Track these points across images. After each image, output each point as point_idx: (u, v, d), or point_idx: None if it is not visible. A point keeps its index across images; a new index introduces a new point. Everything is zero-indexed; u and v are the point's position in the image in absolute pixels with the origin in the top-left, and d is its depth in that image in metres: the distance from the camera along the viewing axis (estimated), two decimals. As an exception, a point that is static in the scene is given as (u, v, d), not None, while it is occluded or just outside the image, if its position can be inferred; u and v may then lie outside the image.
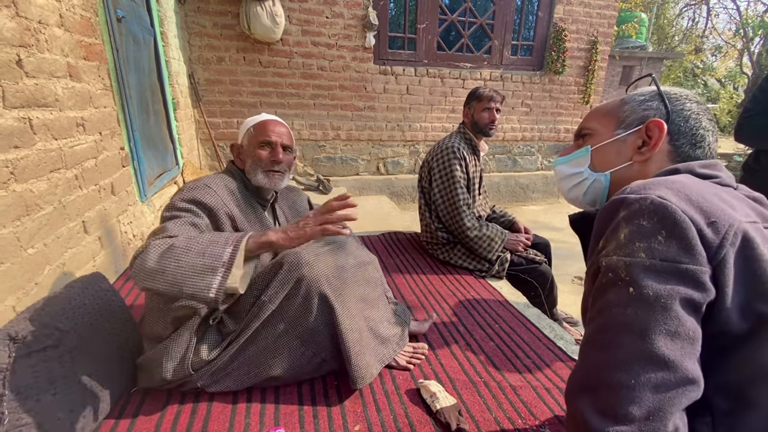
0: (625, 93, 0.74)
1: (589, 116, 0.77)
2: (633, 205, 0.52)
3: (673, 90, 0.69)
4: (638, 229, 0.50)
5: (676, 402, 0.45)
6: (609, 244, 0.53)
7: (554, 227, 3.97)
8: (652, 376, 0.45)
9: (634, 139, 0.68)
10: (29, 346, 0.84)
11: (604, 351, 0.49)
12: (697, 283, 0.47)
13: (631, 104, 0.70)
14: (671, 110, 0.66)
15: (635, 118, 0.68)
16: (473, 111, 1.89)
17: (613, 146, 0.71)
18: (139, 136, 2.02)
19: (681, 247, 0.47)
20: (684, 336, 0.46)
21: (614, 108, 0.72)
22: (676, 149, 0.66)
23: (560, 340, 1.40)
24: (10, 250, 1.01)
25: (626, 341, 0.48)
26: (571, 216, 0.78)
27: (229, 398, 1.07)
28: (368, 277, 1.22)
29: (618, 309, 0.49)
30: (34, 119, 1.15)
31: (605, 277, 0.52)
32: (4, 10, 1.07)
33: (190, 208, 1.00)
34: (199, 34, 3.30)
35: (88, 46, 1.55)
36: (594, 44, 4.37)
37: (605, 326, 0.50)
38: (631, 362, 0.47)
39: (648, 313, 0.47)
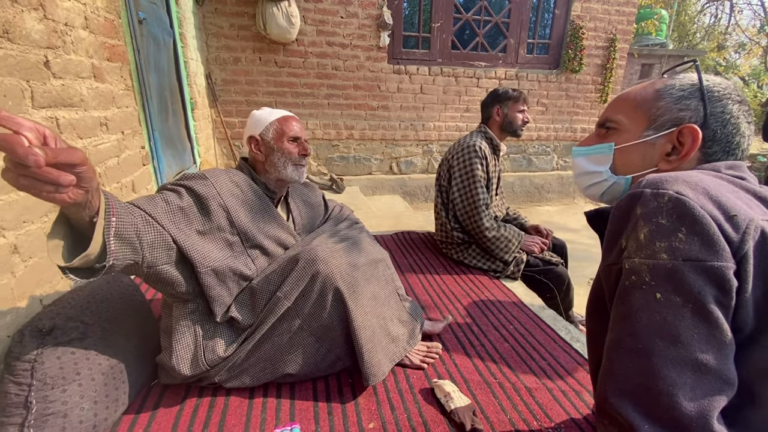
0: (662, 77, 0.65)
1: (616, 105, 0.68)
2: (650, 203, 0.50)
3: (715, 84, 0.61)
4: (657, 228, 0.48)
5: (715, 404, 0.45)
6: (629, 243, 0.52)
7: (570, 228, 3.92)
8: (690, 381, 0.45)
9: (664, 143, 0.62)
10: (56, 338, 0.87)
11: (639, 357, 0.48)
12: (724, 280, 0.45)
13: (666, 101, 0.62)
14: (710, 113, 0.59)
15: (669, 118, 0.61)
16: (508, 111, 1.88)
17: (639, 148, 0.64)
18: (158, 135, 2.07)
19: (704, 244, 0.46)
20: (716, 337, 0.45)
21: (647, 101, 0.63)
22: (707, 157, 0.60)
23: (576, 343, 1.38)
24: (37, 245, 1.05)
25: (659, 347, 0.47)
26: (588, 213, 0.74)
27: (245, 393, 1.08)
28: (380, 275, 1.22)
29: (646, 314, 0.48)
30: (61, 119, 1.19)
31: (629, 280, 0.51)
32: (32, 12, 1.11)
33: (175, 189, 1.00)
34: (216, 35, 3.35)
35: (112, 48, 1.59)
36: (612, 42, 4.29)
37: (635, 331, 0.49)
38: (667, 369, 0.46)
39: (678, 319, 0.46)
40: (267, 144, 1.17)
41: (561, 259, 1.96)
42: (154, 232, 0.87)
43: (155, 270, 0.89)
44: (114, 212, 0.73)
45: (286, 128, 1.17)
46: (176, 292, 0.98)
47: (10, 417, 0.81)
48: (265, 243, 1.12)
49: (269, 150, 1.16)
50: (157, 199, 0.93)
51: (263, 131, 1.17)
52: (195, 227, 0.98)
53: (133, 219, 0.81)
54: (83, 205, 0.62)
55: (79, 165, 0.55)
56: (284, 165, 1.16)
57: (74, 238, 0.69)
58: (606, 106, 0.70)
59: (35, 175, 0.50)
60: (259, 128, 1.17)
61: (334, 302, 1.06)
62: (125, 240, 0.78)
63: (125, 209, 0.80)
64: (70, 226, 0.68)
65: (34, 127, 0.50)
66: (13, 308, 0.95)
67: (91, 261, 0.69)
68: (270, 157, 1.16)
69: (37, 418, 0.81)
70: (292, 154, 1.17)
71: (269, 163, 1.17)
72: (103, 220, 0.69)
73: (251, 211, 1.11)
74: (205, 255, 0.97)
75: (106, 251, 0.71)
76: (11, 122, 0.47)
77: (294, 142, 1.18)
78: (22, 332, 0.86)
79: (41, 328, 0.86)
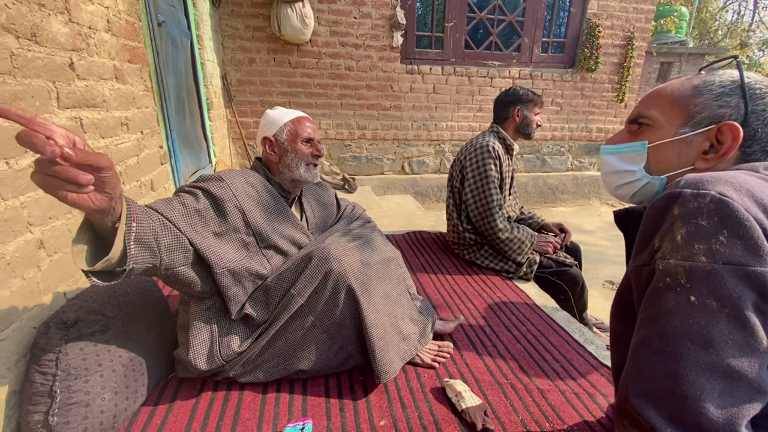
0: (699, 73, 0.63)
1: (650, 100, 0.65)
2: (690, 203, 0.48)
3: (757, 82, 0.58)
4: (697, 229, 0.46)
5: (744, 413, 0.44)
6: (664, 244, 0.50)
7: (584, 230, 3.86)
8: (719, 388, 0.44)
9: (701, 141, 0.59)
10: (79, 330, 0.90)
11: (667, 360, 0.47)
12: (765, 286, 0.43)
13: (705, 97, 0.59)
14: (751, 111, 0.56)
15: (707, 115, 0.58)
16: (527, 113, 1.86)
17: (675, 146, 0.61)
18: (176, 135, 2.12)
19: (746, 248, 0.44)
20: (752, 345, 0.44)
21: (684, 97, 0.60)
22: (745, 156, 0.58)
23: (590, 345, 1.36)
24: (62, 240, 1.09)
25: (690, 352, 0.46)
26: (617, 212, 0.71)
27: (259, 388, 1.10)
28: (391, 273, 1.23)
29: (679, 317, 0.47)
30: (84, 119, 1.23)
31: (662, 282, 0.49)
32: (58, 16, 1.15)
33: (192, 192, 1.01)
34: (232, 37, 3.41)
35: (132, 50, 1.63)
36: (630, 40, 4.21)
37: (665, 334, 0.48)
38: (696, 374, 0.45)
39: (712, 324, 0.45)
40: (281, 145, 1.18)
41: (575, 260, 1.94)
42: (172, 236, 0.89)
43: (173, 272, 0.91)
44: (135, 218, 0.76)
45: (299, 129, 1.18)
46: (193, 292, 1.00)
47: (36, 405, 0.84)
48: (280, 243, 1.13)
49: (283, 151, 1.18)
50: (175, 203, 0.95)
51: (277, 132, 1.18)
52: (211, 229, 1.00)
53: (152, 223, 0.84)
54: (107, 211, 0.65)
55: (105, 169, 0.58)
56: (297, 166, 1.18)
57: (97, 243, 0.72)
58: (639, 101, 0.67)
59: (58, 174, 0.54)
60: (272, 129, 1.18)
61: (346, 300, 1.07)
62: (144, 244, 0.80)
63: (145, 214, 0.82)
64: (94, 232, 0.71)
65: (64, 133, 0.54)
66: (38, 301, 0.99)
67: (113, 265, 0.72)
68: (284, 158, 1.18)
69: (60, 406, 0.84)
70: (305, 155, 1.18)
71: (283, 163, 1.18)
72: (124, 225, 0.72)
73: (266, 211, 1.13)
74: (221, 256, 0.99)
75: (127, 255, 0.73)
76: (44, 128, 0.51)
77: (307, 143, 1.19)
78: (48, 324, 0.89)
79: (65, 321, 0.90)
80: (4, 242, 0.88)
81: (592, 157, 4.65)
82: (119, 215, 0.70)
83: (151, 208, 0.89)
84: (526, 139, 1.92)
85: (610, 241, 3.63)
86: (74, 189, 0.56)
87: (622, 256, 2.75)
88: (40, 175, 0.54)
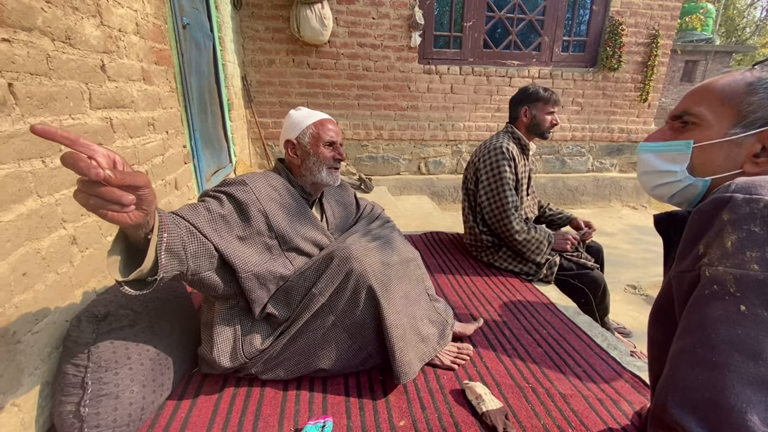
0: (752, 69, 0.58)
1: (698, 96, 0.61)
2: (741, 208, 0.46)
3: None
4: (749, 236, 0.45)
5: None
6: (711, 251, 0.48)
7: (606, 232, 3.77)
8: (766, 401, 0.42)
9: (752, 143, 0.56)
10: (110, 324, 0.93)
11: (712, 370, 0.46)
12: None
13: (761, 96, 0.55)
14: None
15: (762, 116, 0.55)
16: (536, 112, 1.83)
17: (723, 147, 0.58)
18: (198, 135, 2.16)
19: None
20: None
21: (737, 95, 0.57)
22: None
23: (614, 350, 1.33)
24: (93, 237, 1.12)
25: (736, 362, 0.44)
26: (657, 216, 0.68)
27: (280, 385, 1.12)
28: (411, 274, 1.23)
29: (726, 326, 0.45)
30: (114, 119, 1.27)
31: (708, 289, 0.47)
32: (91, 19, 1.19)
33: (216, 196, 1.03)
34: (252, 38, 3.46)
35: (159, 52, 1.67)
36: (654, 38, 4.10)
37: (710, 343, 0.46)
38: (742, 386, 0.43)
39: (763, 334, 0.43)
40: (303, 148, 1.18)
41: (596, 262, 1.90)
42: (198, 242, 0.91)
43: (198, 277, 0.93)
44: (165, 228, 0.78)
45: (321, 133, 1.18)
46: (217, 294, 1.02)
47: (68, 396, 0.87)
48: (302, 245, 1.15)
49: (305, 154, 1.18)
50: (200, 208, 0.97)
51: (299, 135, 1.18)
52: (236, 233, 1.01)
53: (180, 231, 0.86)
54: (142, 225, 0.68)
55: (142, 187, 0.60)
56: (319, 169, 1.18)
57: (129, 254, 0.75)
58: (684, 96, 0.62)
59: (102, 195, 0.56)
60: (295, 132, 1.19)
61: (367, 300, 1.07)
62: (173, 253, 0.82)
63: (173, 222, 0.84)
64: (126, 243, 0.74)
65: (106, 153, 0.56)
66: (71, 295, 1.02)
67: (144, 274, 0.75)
68: (306, 162, 1.18)
69: (92, 398, 0.87)
70: (327, 158, 1.18)
71: (305, 167, 1.19)
72: (156, 237, 0.74)
73: (288, 213, 1.14)
74: (245, 260, 1.01)
75: (158, 265, 0.76)
76: (87, 148, 0.54)
77: (329, 147, 1.19)
78: (80, 318, 0.92)
79: (96, 315, 0.93)
80: (39, 238, 0.92)
81: (613, 158, 4.55)
82: (152, 227, 0.73)
83: (177, 215, 0.91)
84: (542, 138, 1.88)
85: (632, 244, 3.54)
86: (117, 209, 0.58)
87: (645, 260, 2.69)
88: (83, 194, 0.56)
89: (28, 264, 0.88)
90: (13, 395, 0.84)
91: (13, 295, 0.84)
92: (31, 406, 0.89)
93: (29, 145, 0.90)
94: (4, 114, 0.83)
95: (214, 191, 1.05)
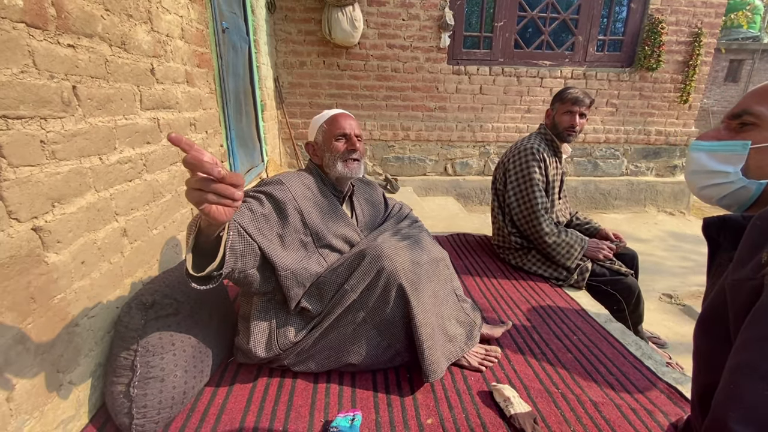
0: None
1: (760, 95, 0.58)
2: None
3: None
4: None
5: None
6: None
7: (640, 238, 3.64)
8: None
9: None
10: (156, 311, 0.99)
11: None
12: None
13: None
14: None
15: None
16: (555, 112, 1.81)
17: None
18: (234, 135, 2.24)
19: None
20: None
21: None
22: None
23: (648, 360, 1.29)
24: (141, 230, 1.20)
25: None
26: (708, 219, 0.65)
27: (310, 378, 1.15)
28: (440, 273, 1.24)
29: None
30: (161, 119, 1.34)
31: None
32: (143, 25, 1.26)
33: (256, 197, 1.08)
34: (285, 41, 3.55)
35: (201, 55, 1.76)
36: (697, 37, 3.91)
37: None
38: None
39: None
40: (320, 147, 1.23)
41: (631, 269, 1.84)
42: (245, 242, 0.96)
43: (244, 274, 0.98)
44: (232, 227, 0.85)
45: (332, 128, 1.21)
46: (256, 289, 1.07)
47: (119, 377, 0.94)
48: (334, 242, 1.18)
49: (322, 152, 1.22)
50: (243, 209, 1.02)
51: (316, 135, 1.24)
52: (275, 231, 1.07)
53: (233, 232, 0.92)
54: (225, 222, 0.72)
55: (240, 186, 0.66)
56: (334, 163, 1.20)
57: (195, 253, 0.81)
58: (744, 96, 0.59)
59: (217, 190, 0.62)
60: (313, 134, 1.25)
61: (397, 298, 1.09)
62: (233, 251, 0.89)
63: (232, 223, 0.90)
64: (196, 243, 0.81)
65: (211, 157, 0.62)
66: (121, 284, 1.09)
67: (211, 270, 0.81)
68: (324, 159, 1.22)
69: (140, 380, 0.93)
70: (339, 151, 1.19)
71: (325, 164, 1.22)
72: (227, 235, 0.81)
73: (321, 211, 1.18)
74: (284, 258, 1.05)
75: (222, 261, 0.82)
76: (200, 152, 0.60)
77: (340, 140, 1.20)
78: (130, 305, 0.99)
79: (145, 302, 0.99)
80: (96, 229, 0.99)
81: (649, 162, 4.38)
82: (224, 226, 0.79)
83: None
84: (563, 141, 1.83)
85: (669, 251, 3.40)
86: (229, 203, 0.65)
87: (683, 269, 2.58)
88: (199, 192, 0.62)
89: (86, 253, 0.95)
90: (71, 374, 0.91)
91: (72, 281, 0.91)
92: (86, 385, 0.96)
93: (89, 144, 0.97)
94: (68, 114, 0.91)
95: (254, 192, 1.10)
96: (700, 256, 3.32)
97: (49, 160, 0.84)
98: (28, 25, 0.80)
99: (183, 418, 1.00)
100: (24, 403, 0.77)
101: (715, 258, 0.63)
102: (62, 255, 0.87)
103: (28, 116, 0.79)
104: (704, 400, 0.53)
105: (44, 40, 0.84)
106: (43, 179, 0.82)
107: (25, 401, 0.77)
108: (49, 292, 0.84)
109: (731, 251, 0.54)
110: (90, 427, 0.96)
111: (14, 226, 0.76)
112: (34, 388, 0.79)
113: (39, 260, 0.81)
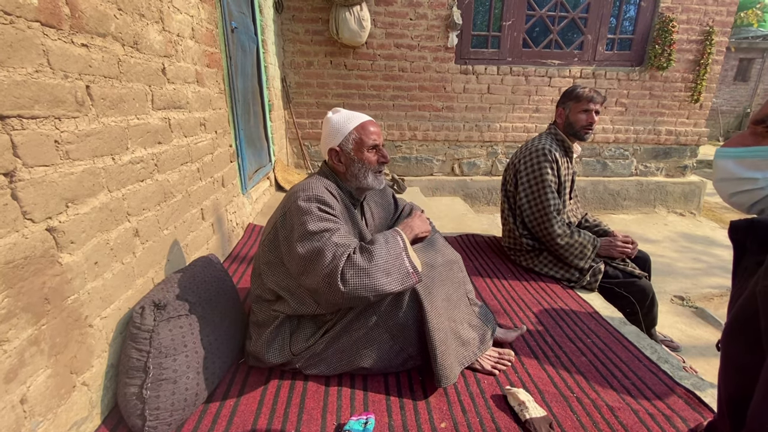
0: None
1: None
2: None
3: None
4: None
5: None
6: None
7: (650, 239, 3.60)
8: None
9: None
10: (169, 312, 0.99)
11: None
12: None
13: None
14: None
15: None
16: (569, 111, 1.78)
17: None
18: (243, 134, 2.24)
19: None
20: None
21: None
22: None
23: (665, 364, 1.27)
24: (152, 230, 1.19)
25: None
26: (736, 222, 0.65)
27: (322, 381, 1.14)
28: (453, 277, 1.22)
29: None
30: (172, 119, 1.34)
31: None
32: (155, 25, 1.26)
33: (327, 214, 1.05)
34: (292, 41, 3.55)
35: (210, 55, 1.75)
36: (708, 35, 3.86)
37: None
38: None
39: None
40: (347, 155, 1.15)
41: (644, 271, 1.81)
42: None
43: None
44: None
45: (365, 137, 1.14)
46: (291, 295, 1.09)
47: (132, 379, 0.93)
48: None
49: (350, 161, 1.15)
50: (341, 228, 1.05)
51: (342, 142, 1.14)
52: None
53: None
54: None
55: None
56: (365, 175, 1.16)
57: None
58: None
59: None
60: (338, 139, 1.15)
61: (410, 302, 1.08)
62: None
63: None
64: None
65: None
66: (132, 284, 1.09)
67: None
68: (351, 168, 1.16)
69: (153, 381, 0.92)
70: (372, 163, 1.16)
71: (350, 173, 1.17)
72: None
73: (342, 216, 1.15)
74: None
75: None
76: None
77: (373, 150, 1.16)
78: (142, 305, 0.98)
79: (157, 303, 0.98)
80: (109, 230, 0.99)
81: (659, 162, 4.32)
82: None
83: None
84: (580, 140, 1.82)
85: (680, 252, 3.35)
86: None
87: (695, 270, 2.54)
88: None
89: (99, 254, 0.95)
90: (84, 375, 0.90)
91: (86, 282, 0.90)
92: (98, 386, 0.96)
93: (102, 144, 0.97)
94: (82, 114, 0.90)
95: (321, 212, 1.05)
96: (711, 257, 3.28)
97: (63, 160, 0.84)
98: (43, 24, 0.79)
99: (195, 419, 0.99)
100: (38, 404, 0.77)
101: (742, 262, 0.61)
102: (76, 255, 0.87)
103: (42, 116, 0.79)
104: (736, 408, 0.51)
105: (58, 40, 0.83)
106: (57, 179, 0.82)
107: (39, 403, 0.77)
108: (62, 293, 0.83)
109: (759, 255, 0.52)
110: (102, 428, 0.95)
111: (29, 227, 0.75)
112: (47, 390, 0.79)
113: (53, 261, 0.81)
